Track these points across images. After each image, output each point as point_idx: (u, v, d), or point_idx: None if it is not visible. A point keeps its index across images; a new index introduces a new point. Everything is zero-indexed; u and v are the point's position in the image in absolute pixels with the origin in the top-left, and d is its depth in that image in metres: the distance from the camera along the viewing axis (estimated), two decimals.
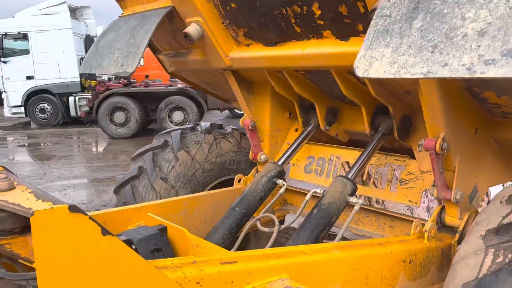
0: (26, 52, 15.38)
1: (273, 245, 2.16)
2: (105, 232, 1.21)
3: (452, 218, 2.01)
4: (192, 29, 2.29)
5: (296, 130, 2.88)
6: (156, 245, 1.65)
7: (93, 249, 1.18)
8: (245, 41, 2.40)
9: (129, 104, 12.86)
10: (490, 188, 2.16)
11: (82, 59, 17.06)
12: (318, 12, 1.93)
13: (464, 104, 1.93)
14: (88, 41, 17.12)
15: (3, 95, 15.85)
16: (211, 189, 2.90)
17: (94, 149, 12.40)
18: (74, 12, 16.85)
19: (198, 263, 1.43)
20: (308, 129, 2.60)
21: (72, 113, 15.46)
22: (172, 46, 2.92)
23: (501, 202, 1.56)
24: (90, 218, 1.18)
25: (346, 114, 2.63)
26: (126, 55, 2.32)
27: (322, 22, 1.96)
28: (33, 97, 15.63)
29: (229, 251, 1.76)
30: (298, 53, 2.12)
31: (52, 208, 1.13)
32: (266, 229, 2.18)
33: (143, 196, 2.73)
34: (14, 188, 1.37)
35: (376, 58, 1.32)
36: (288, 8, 2.01)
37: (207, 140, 2.93)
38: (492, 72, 1.10)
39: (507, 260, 1.34)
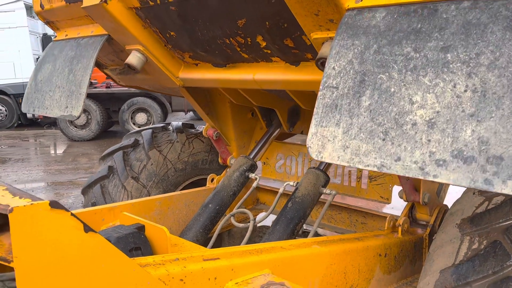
0: None
1: (247, 244, 2.16)
2: (87, 228, 1.17)
3: (423, 214, 2.09)
4: (133, 58, 2.15)
5: (261, 128, 2.90)
6: (135, 244, 1.61)
7: (75, 246, 1.14)
8: (192, 61, 2.30)
9: (90, 106, 12.51)
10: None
11: (39, 58, 16.44)
12: (263, 44, 1.89)
13: None
14: (46, 40, 16.51)
15: None
16: (183, 189, 2.87)
17: (52, 152, 11.96)
18: (30, 10, 16.22)
19: (180, 260, 1.41)
20: (273, 129, 2.63)
21: (29, 115, 14.88)
22: (117, 63, 2.74)
23: (473, 194, 1.64)
24: (72, 214, 1.14)
25: (308, 110, 2.60)
26: (68, 95, 2.18)
27: (269, 51, 1.92)
28: None
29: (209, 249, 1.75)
30: (249, 78, 2.05)
31: (32, 204, 1.08)
32: (240, 225, 2.18)
33: (113, 196, 2.66)
34: None
35: (328, 138, 1.29)
36: (231, 39, 1.95)
37: (179, 139, 2.90)
38: (444, 177, 1.09)
39: (482, 246, 1.41)
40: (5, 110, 15.18)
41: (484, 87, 1.07)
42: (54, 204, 1.10)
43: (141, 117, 12.71)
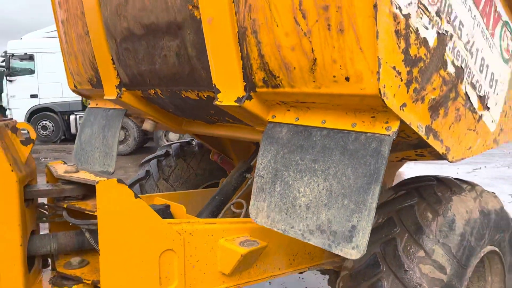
0: (31, 72, 16.21)
1: None
2: (136, 196, 2.03)
3: None
4: (147, 125, 3.06)
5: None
6: (163, 216, 2.45)
7: (129, 206, 1.99)
8: (190, 119, 3.04)
9: (128, 123, 13.66)
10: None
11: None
12: (231, 120, 2.55)
13: None
14: None
15: (8, 112, 16.59)
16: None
17: None
18: None
19: (191, 223, 2.24)
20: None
21: (73, 130, 16.18)
22: (138, 115, 3.38)
23: (388, 188, 2.41)
24: (128, 187, 2.00)
25: None
26: (104, 155, 2.98)
27: (236, 123, 2.58)
28: (36, 114, 16.40)
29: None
30: (230, 134, 2.78)
31: (108, 179, 1.95)
32: (237, 210, 2.98)
33: (148, 193, 3.54)
34: (79, 171, 2.19)
35: (259, 209, 1.99)
36: (210, 117, 2.65)
37: (200, 151, 3.76)
38: (313, 241, 1.76)
39: (382, 220, 2.18)
40: (52, 126, 16.61)
41: (331, 189, 1.75)
42: (119, 180, 1.96)
43: (173, 135, 13.76)
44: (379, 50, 1.48)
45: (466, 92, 1.97)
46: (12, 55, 15.95)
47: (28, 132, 2.16)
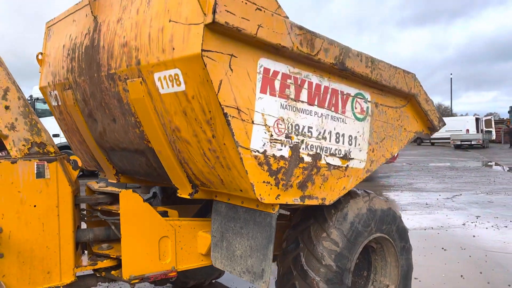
0: None
1: None
2: (144, 200, 3.20)
3: None
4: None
5: None
6: (162, 216, 3.61)
7: (139, 207, 3.16)
8: None
9: None
10: None
11: None
12: None
13: None
14: None
15: None
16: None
17: None
18: None
19: (180, 220, 3.39)
20: None
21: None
22: None
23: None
24: (140, 194, 3.18)
25: None
26: None
27: None
28: None
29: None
30: None
31: (126, 190, 3.13)
32: None
33: None
34: (108, 186, 3.39)
35: (216, 257, 2.97)
36: None
37: None
38: (245, 278, 2.66)
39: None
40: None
41: (251, 246, 2.72)
42: (134, 190, 3.15)
43: None
44: (250, 178, 2.44)
45: (327, 162, 2.87)
46: (37, 98, 17.45)
47: (76, 161, 3.37)
